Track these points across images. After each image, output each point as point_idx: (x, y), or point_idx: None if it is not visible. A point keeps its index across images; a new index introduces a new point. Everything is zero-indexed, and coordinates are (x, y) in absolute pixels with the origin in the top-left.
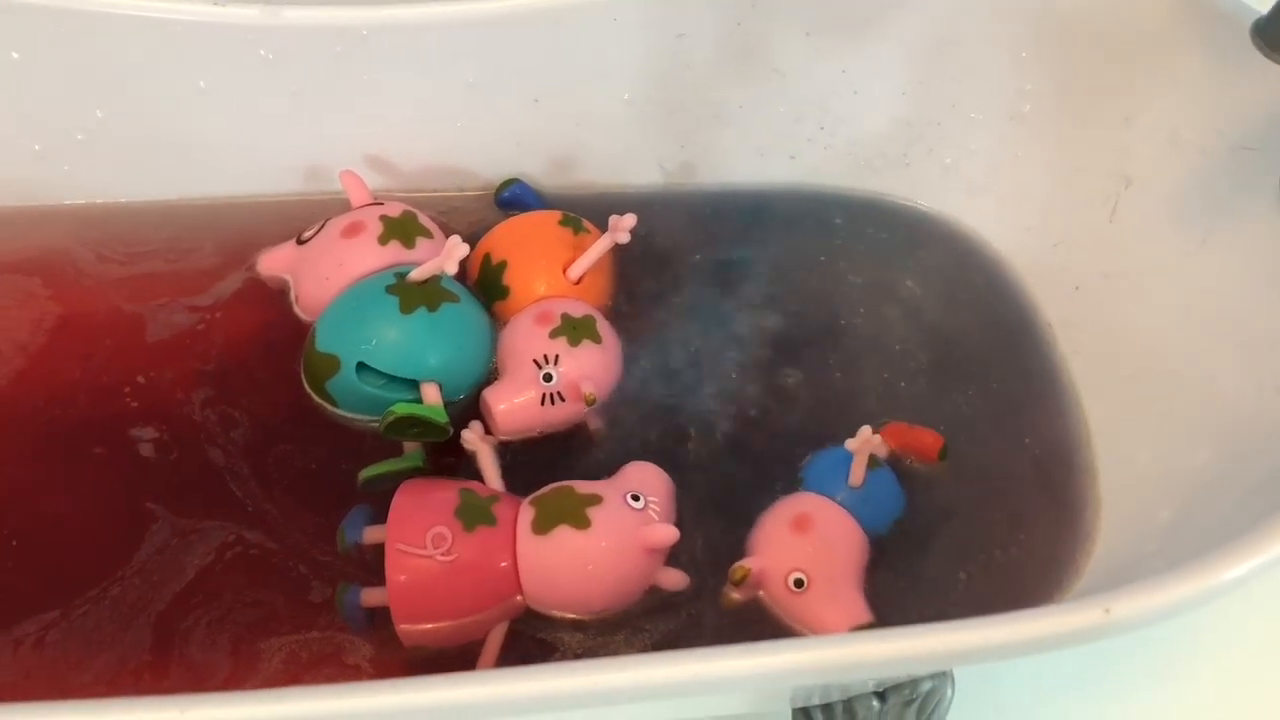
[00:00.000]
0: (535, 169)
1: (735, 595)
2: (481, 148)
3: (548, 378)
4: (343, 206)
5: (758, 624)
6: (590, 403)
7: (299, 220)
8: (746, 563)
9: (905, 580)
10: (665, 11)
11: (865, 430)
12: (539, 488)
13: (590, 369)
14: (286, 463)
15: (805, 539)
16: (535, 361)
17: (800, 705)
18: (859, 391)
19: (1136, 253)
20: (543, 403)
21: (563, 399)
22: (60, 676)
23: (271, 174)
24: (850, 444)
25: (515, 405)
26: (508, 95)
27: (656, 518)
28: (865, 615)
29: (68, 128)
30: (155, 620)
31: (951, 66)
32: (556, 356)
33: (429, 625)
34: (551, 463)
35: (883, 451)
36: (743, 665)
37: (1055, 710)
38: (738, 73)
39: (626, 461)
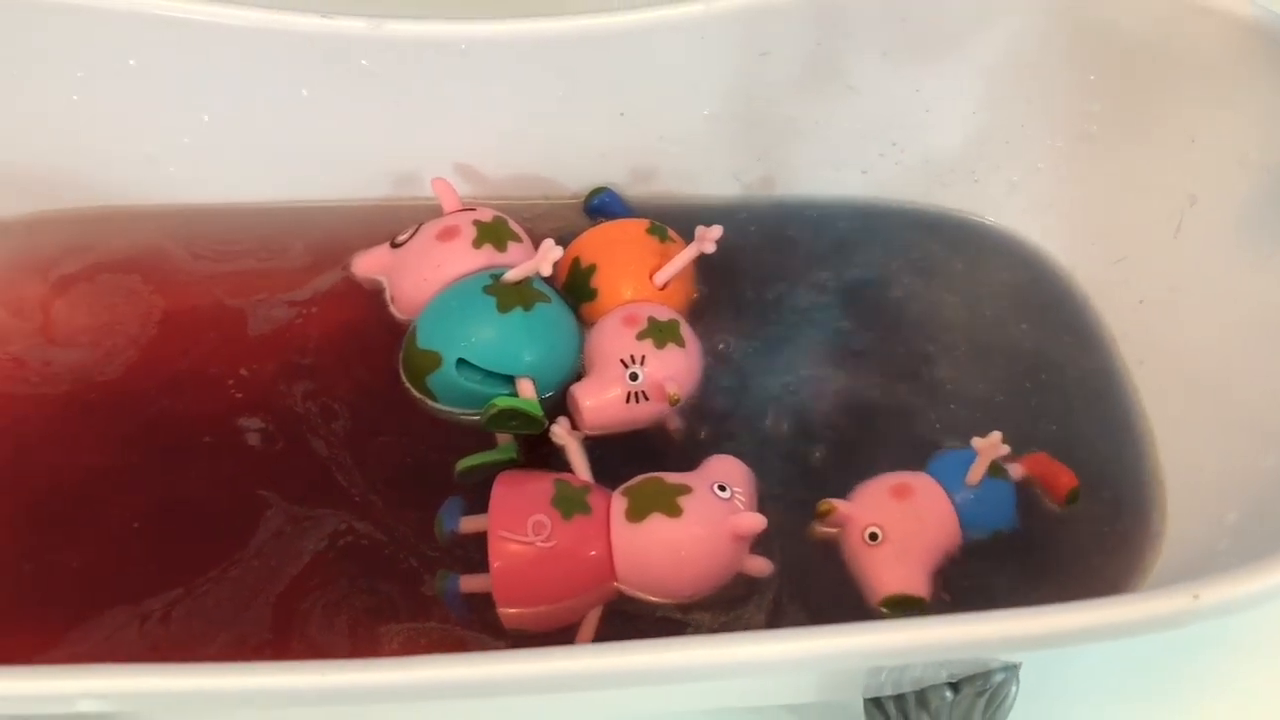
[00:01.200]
0: (618, 179)
1: (818, 528)
2: (568, 159)
3: (634, 377)
4: (429, 212)
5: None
6: (674, 402)
7: (384, 224)
8: (836, 501)
9: (971, 580)
10: (750, 30)
11: (996, 435)
12: (623, 480)
13: (674, 370)
14: (385, 455)
15: (897, 504)
16: (622, 361)
17: (872, 695)
18: (924, 400)
19: (1201, 268)
20: (628, 400)
21: (647, 398)
22: (185, 650)
23: (362, 180)
24: (977, 442)
25: (602, 402)
26: (596, 109)
27: (742, 507)
28: (920, 589)
29: (177, 132)
30: (274, 602)
31: (1022, 88)
32: (643, 357)
33: (530, 609)
34: (633, 458)
35: (1016, 472)
36: (828, 645)
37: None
38: (816, 90)
39: (704, 459)
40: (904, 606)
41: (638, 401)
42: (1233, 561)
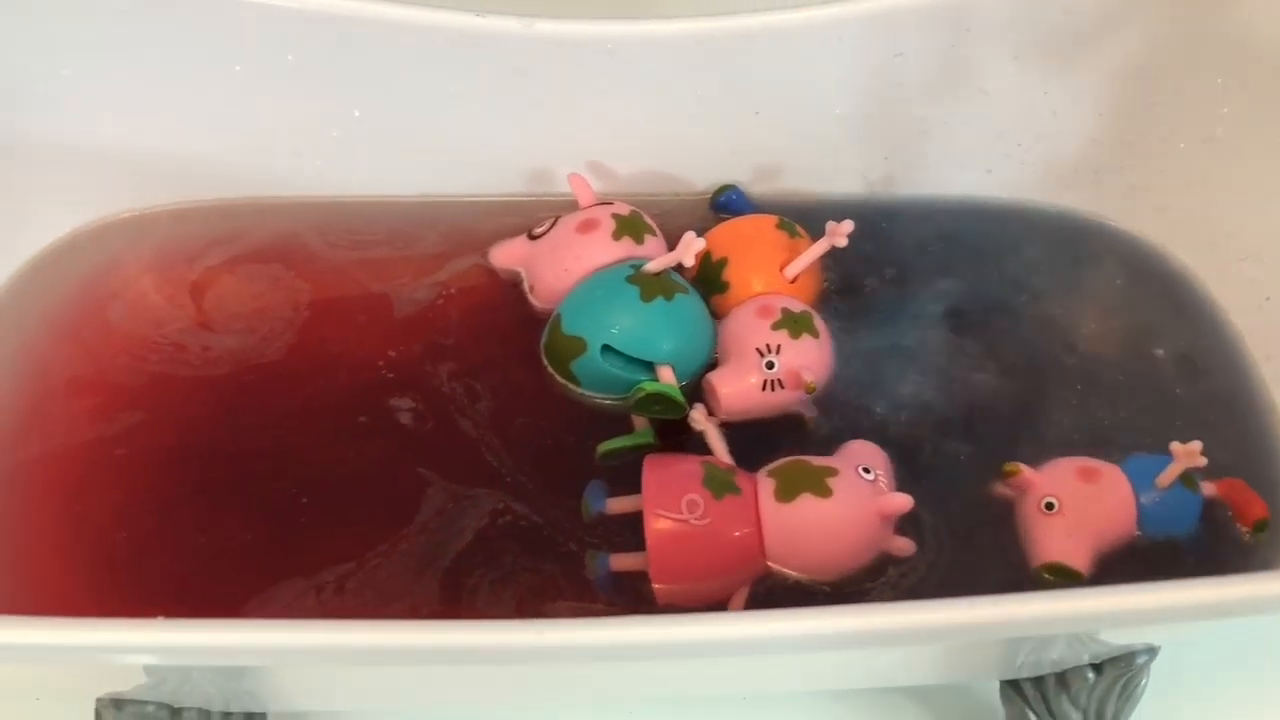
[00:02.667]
0: (745, 176)
1: (998, 489)
2: (700, 156)
3: (770, 365)
4: (558, 208)
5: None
6: (810, 390)
7: (513, 219)
8: (1021, 465)
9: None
10: (887, 32)
11: (1195, 445)
12: (757, 465)
13: (809, 359)
14: (529, 436)
15: (1081, 483)
16: (758, 350)
17: (1009, 677)
18: (1048, 400)
19: None
20: (764, 388)
21: (782, 386)
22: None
23: (496, 176)
24: (1175, 448)
25: (739, 389)
26: (733, 108)
27: (885, 489)
28: (1081, 564)
29: (326, 126)
30: (441, 576)
31: (1149, 90)
32: (779, 346)
33: (683, 585)
34: (763, 445)
35: (1207, 491)
36: (985, 613)
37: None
38: (947, 91)
39: (833, 446)
40: (1061, 576)
41: (773, 389)
42: None
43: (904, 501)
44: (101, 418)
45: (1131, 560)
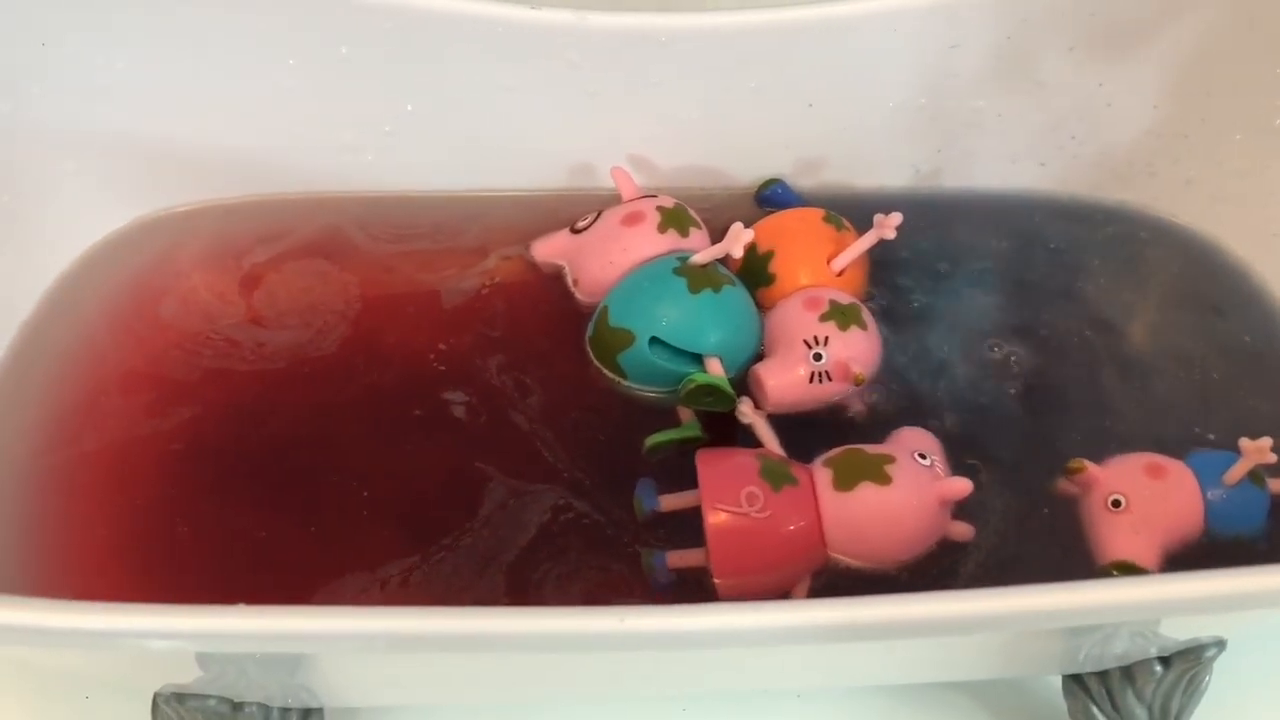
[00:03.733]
0: (793, 169)
1: (1064, 486)
2: (750, 148)
3: (817, 357)
4: (604, 201)
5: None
6: (859, 382)
7: (554, 213)
8: (1086, 462)
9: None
10: (942, 24)
11: (1266, 441)
12: (808, 457)
13: (858, 351)
14: (582, 432)
15: (1148, 480)
16: (805, 342)
17: (1072, 671)
18: (1104, 396)
19: None
20: (811, 380)
21: (830, 378)
22: None
23: (542, 170)
24: (1244, 444)
25: (787, 381)
26: (786, 100)
27: (942, 474)
28: (1149, 562)
29: (378, 120)
30: (507, 570)
31: (1204, 82)
32: (826, 338)
33: (746, 578)
34: (813, 437)
35: (1276, 488)
36: (1055, 600)
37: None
38: (1002, 83)
39: (885, 436)
40: (1128, 572)
41: (821, 381)
42: None
43: (964, 485)
44: (156, 412)
45: (1199, 558)
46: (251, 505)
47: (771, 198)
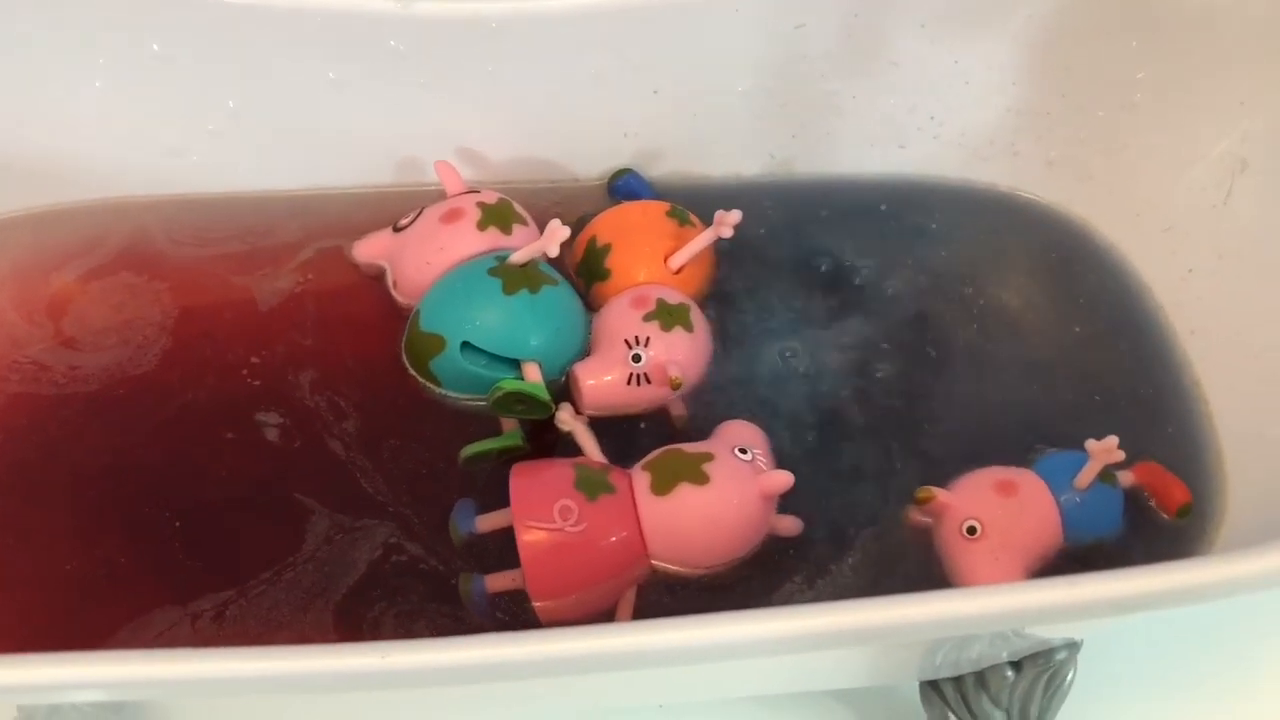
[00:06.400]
0: (642, 158)
1: (914, 516)
2: (596, 138)
3: (636, 358)
4: (435, 197)
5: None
6: (675, 386)
7: (381, 211)
8: (935, 490)
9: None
10: (786, 2)
11: (1112, 440)
12: (633, 461)
13: (679, 354)
14: (401, 452)
15: (999, 499)
16: (626, 342)
17: (929, 678)
18: (962, 387)
19: (1252, 233)
20: (629, 382)
21: (649, 380)
22: None
23: (369, 166)
24: (1091, 445)
25: (603, 382)
26: (629, 87)
27: (765, 467)
28: None
29: (201, 119)
30: (334, 608)
31: (1063, 57)
32: (648, 339)
33: (566, 598)
34: (640, 441)
35: (1126, 480)
36: (891, 615)
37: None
38: (853, 64)
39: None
40: None
41: (639, 384)
42: None
43: (785, 479)
44: None
45: (1062, 571)
46: (56, 538)
47: (623, 189)
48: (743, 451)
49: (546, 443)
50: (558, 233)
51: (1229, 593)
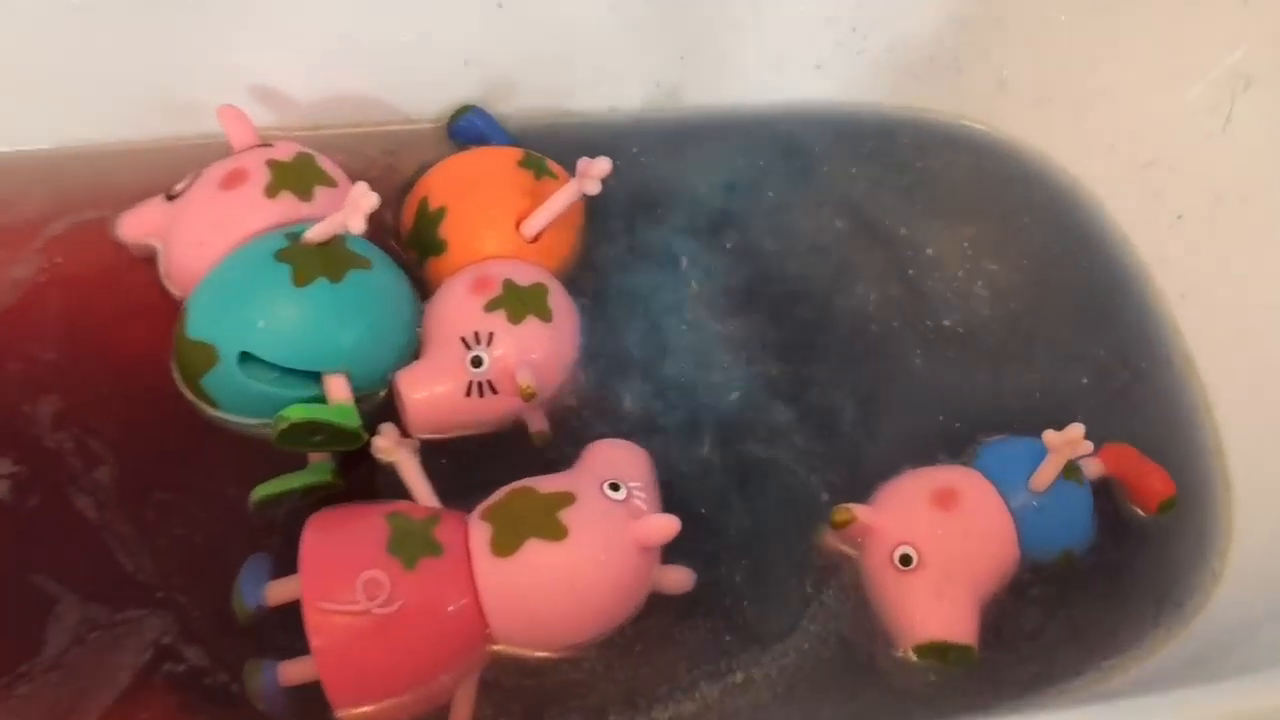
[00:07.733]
0: (488, 91)
1: (830, 541)
2: (432, 68)
3: (476, 361)
4: (218, 152)
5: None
6: (528, 397)
7: (151, 172)
8: (855, 508)
9: (1029, 613)
10: None
11: (1076, 429)
12: (481, 497)
13: (533, 353)
14: (173, 510)
15: (940, 516)
16: (464, 340)
17: None
18: (899, 365)
19: (1258, 168)
20: (469, 393)
21: (494, 390)
22: None
23: (144, 113)
24: (1049, 437)
25: (434, 395)
26: (464, 1)
27: (645, 507)
28: (967, 635)
29: None
30: None
31: None
32: (491, 335)
33: (377, 703)
34: (485, 471)
35: (1092, 470)
36: None
37: None
38: None
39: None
40: (944, 656)
41: (482, 394)
42: None
43: (667, 525)
44: None
45: (1024, 599)
46: None
47: (466, 130)
48: (614, 488)
49: (365, 476)
50: (361, 201)
51: None
